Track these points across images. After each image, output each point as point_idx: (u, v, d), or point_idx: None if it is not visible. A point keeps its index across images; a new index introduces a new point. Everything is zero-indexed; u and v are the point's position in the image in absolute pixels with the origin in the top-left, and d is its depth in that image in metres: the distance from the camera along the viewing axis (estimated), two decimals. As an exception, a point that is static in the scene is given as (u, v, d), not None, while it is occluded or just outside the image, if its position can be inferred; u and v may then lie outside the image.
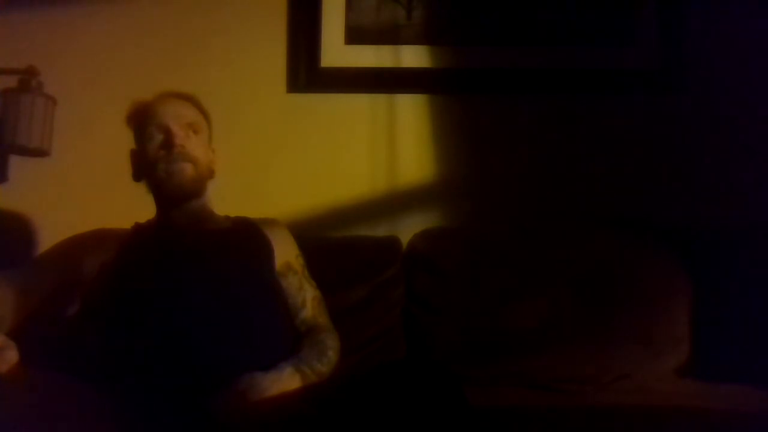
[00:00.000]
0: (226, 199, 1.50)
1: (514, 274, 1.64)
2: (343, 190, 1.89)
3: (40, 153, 1.82)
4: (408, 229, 1.80)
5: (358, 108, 1.92)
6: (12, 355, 1.00)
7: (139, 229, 1.39)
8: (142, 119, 1.40)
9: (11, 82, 1.81)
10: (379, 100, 1.92)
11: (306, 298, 1.37)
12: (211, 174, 1.44)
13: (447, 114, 1.92)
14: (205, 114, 1.46)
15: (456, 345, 1.57)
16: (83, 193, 1.87)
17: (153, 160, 1.36)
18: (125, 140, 1.43)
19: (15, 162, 1.88)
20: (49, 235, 1.65)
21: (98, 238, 1.37)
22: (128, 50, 1.94)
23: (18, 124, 1.76)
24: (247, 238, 1.39)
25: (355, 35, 1.94)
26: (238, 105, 1.90)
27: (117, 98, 1.49)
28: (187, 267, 1.26)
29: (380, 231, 1.84)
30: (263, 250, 1.38)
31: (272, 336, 1.24)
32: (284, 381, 1.14)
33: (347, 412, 0.95)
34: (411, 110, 1.92)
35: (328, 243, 1.71)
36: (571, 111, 1.92)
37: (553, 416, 1.22)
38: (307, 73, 1.92)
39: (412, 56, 1.92)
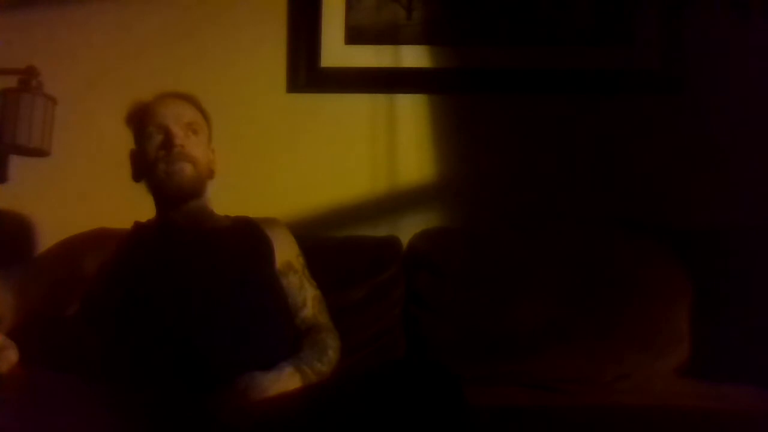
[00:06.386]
0: (227, 199, 1.50)
1: (514, 275, 1.64)
2: (343, 190, 1.89)
3: (40, 153, 1.82)
4: (408, 229, 1.80)
5: (358, 108, 1.92)
6: (12, 355, 1.00)
7: (139, 228, 1.39)
8: (141, 119, 1.40)
9: (11, 82, 1.81)
10: (379, 100, 1.92)
11: (306, 297, 1.38)
12: (210, 174, 1.44)
13: (447, 114, 1.92)
14: (204, 114, 1.46)
15: (456, 345, 1.57)
16: (83, 193, 1.86)
17: (153, 160, 1.36)
18: (125, 140, 1.43)
19: (15, 162, 1.88)
20: (49, 235, 1.64)
21: (98, 238, 1.37)
22: (128, 50, 1.94)
23: (18, 124, 1.76)
24: (247, 237, 1.39)
25: (355, 35, 1.94)
26: (238, 105, 1.90)
27: (117, 98, 1.49)
28: (187, 266, 1.26)
29: (380, 231, 1.84)
30: (264, 249, 1.38)
31: (272, 335, 1.24)
32: (284, 381, 1.14)
33: (347, 412, 0.95)
34: (411, 110, 1.92)
35: (328, 243, 1.71)
36: (571, 111, 1.92)
37: (552, 416, 1.22)
38: (307, 73, 1.92)
39: (412, 56, 1.92)
